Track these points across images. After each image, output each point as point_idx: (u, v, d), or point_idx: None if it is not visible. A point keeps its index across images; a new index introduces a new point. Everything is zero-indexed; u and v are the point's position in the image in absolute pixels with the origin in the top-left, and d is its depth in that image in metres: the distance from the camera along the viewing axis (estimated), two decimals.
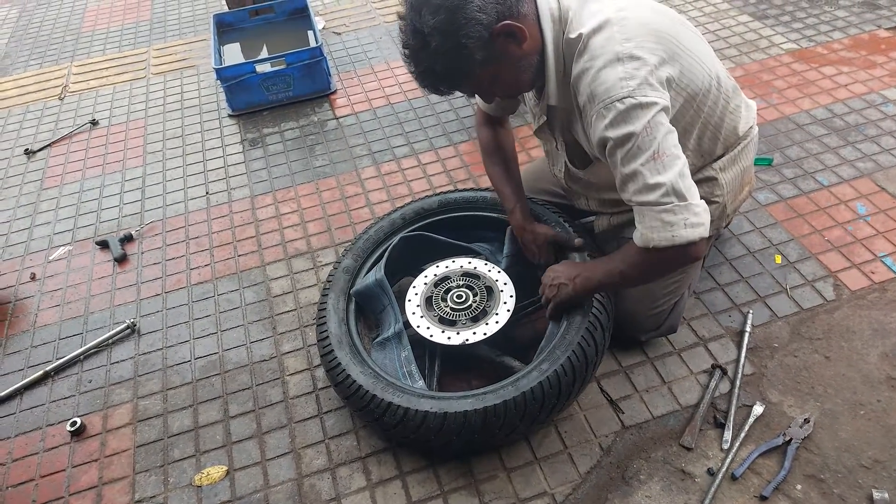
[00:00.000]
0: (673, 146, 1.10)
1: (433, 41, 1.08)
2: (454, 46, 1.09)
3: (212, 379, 1.61)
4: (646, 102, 1.07)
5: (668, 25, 1.17)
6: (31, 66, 3.11)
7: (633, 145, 1.09)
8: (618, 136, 1.09)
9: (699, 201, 1.12)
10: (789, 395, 1.42)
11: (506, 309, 1.46)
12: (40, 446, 1.52)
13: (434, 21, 1.07)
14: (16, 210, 2.24)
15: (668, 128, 1.11)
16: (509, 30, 1.10)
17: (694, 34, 1.24)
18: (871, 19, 2.63)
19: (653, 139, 1.08)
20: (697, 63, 1.20)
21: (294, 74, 2.51)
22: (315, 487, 1.37)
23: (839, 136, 2.08)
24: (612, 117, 1.09)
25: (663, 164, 1.09)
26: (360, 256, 1.62)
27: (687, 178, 1.11)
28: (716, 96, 1.26)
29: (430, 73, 1.15)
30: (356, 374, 1.34)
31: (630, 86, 1.07)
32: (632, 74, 1.08)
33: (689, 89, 1.19)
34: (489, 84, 1.19)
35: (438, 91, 1.20)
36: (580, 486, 1.32)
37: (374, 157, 2.27)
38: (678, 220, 1.10)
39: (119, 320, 1.79)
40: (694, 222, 1.10)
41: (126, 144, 2.49)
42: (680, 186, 1.09)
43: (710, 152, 1.35)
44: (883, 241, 1.74)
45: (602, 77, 1.10)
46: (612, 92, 1.08)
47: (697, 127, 1.27)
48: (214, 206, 2.15)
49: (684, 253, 1.13)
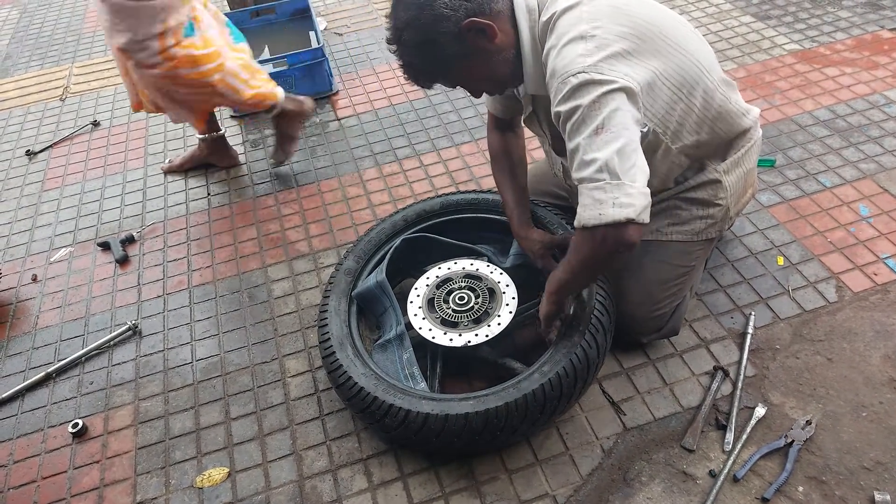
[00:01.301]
0: (620, 124, 1.05)
1: (405, 36, 1.17)
2: (425, 41, 1.16)
3: (213, 381, 1.61)
4: (600, 79, 1.07)
5: (644, 12, 1.18)
6: (33, 66, 3.12)
7: (578, 117, 1.08)
8: (566, 109, 1.09)
9: (637, 184, 1.05)
10: (791, 396, 1.42)
11: (508, 311, 1.45)
12: (42, 448, 1.52)
13: (406, 17, 1.16)
14: (17, 211, 2.25)
15: (619, 106, 1.06)
16: (477, 26, 1.15)
17: (680, 24, 1.24)
18: (874, 20, 2.62)
19: (597, 114, 1.06)
20: (681, 53, 1.19)
21: (296, 75, 2.51)
22: (316, 489, 1.37)
23: (842, 138, 2.08)
24: (565, 92, 1.09)
25: (604, 141, 1.05)
26: (361, 258, 1.62)
27: (628, 158, 1.05)
28: (709, 89, 1.25)
29: (411, 66, 1.23)
30: (358, 376, 1.34)
31: (587, 62, 1.08)
32: (590, 52, 1.09)
33: (674, 79, 1.18)
34: (467, 78, 1.25)
35: (422, 84, 1.27)
36: (581, 487, 1.32)
37: (375, 158, 2.27)
38: (607, 199, 1.04)
39: (120, 322, 1.79)
40: (623, 202, 1.04)
41: (127, 146, 2.49)
42: (615, 164, 1.04)
43: (709, 147, 1.34)
44: (885, 242, 1.73)
45: (563, 53, 1.11)
46: (568, 67, 1.09)
47: (693, 120, 1.26)
48: (215, 207, 2.15)
49: (614, 235, 1.06)
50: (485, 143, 2.24)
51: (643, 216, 1.06)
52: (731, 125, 1.34)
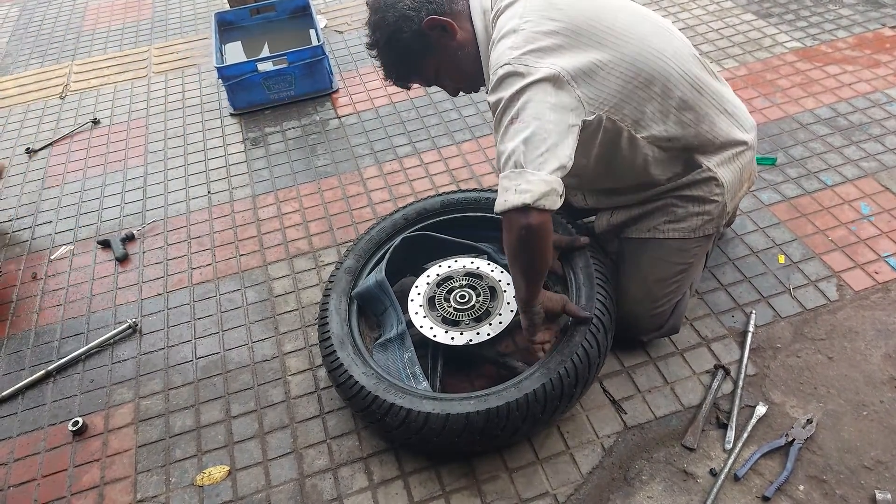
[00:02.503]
0: (531, 114, 1.10)
1: (375, 36, 1.29)
2: (392, 40, 1.27)
3: (213, 379, 1.61)
4: (522, 71, 1.12)
5: (583, 6, 1.21)
6: (32, 64, 3.11)
7: (500, 109, 1.14)
8: (493, 100, 1.17)
9: (542, 171, 1.09)
10: (792, 395, 1.42)
11: (509, 309, 1.45)
12: (42, 446, 1.52)
13: (375, 19, 1.29)
14: (17, 209, 2.24)
15: (538, 97, 1.11)
16: (437, 23, 1.24)
17: (632, 15, 1.26)
18: (875, 18, 2.62)
19: (514, 105, 1.12)
20: (629, 42, 1.21)
21: (296, 73, 2.50)
22: (317, 488, 1.37)
23: (843, 136, 2.08)
24: (493, 83, 1.16)
25: (515, 131, 1.11)
26: (361, 257, 1.61)
27: (536, 147, 1.09)
28: (672, 77, 1.24)
29: (385, 65, 1.34)
30: (358, 374, 1.34)
31: (512, 55, 1.14)
32: (517, 45, 1.15)
33: (621, 67, 1.20)
34: (436, 75, 1.34)
35: (398, 83, 1.36)
36: (582, 486, 1.32)
37: (376, 157, 2.27)
38: (511, 186, 1.11)
39: (121, 320, 1.79)
40: (523, 188, 1.08)
41: (127, 144, 2.49)
42: (520, 152, 1.09)
43: (688, 141, 1.32)
44: (887, 240, 1.73)
45: (497, 47, 1.19)
46: (498, 59, 1.17)
47: (655, 108, 1.26)
48: (216, 205, 2.15)
49: (517, 221, 1.11)
50: (485, 141, 2.25)
51: (542, 202, 1.10)
52: (706, 118, 1.31)
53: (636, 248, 1.47)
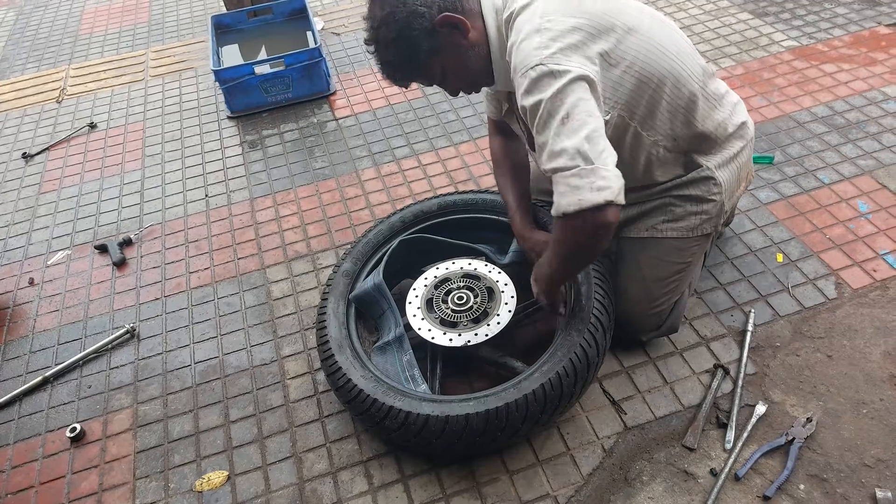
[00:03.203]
0: (584, 112, 1.08)
1: (381, 33, 1.21)
2: (400, 37, 1.20)
3: (212, 383, 1.61)
4: (557, 70, 1.10)
5: (605, 5, 1.21)
6: (29, 69, 3.11)
7: (543, 111, 1.10)
8: (531, 104, 1.12)
9: (610, 166, 1.07)
10: (792, 394, 1.42)
11: (507, 310, 1.45)
12: (40, 452, 1.51)
13: (382, 14, 1.20)
14: (14, 214, 2.24)
15: (580, 95, 1.10)
16: (450, 21, 1.19)
17: (652, 18, 1.27)
18: (871, 16, 2.62)
19: (560, 105, 1.09)
20: (649, 44, 1.21)
21: (293, 76, 2.50)
22: (316, 492, 1.37)
23: (840, 134, 2.08)
24: (527, 85, 1.12)
25: (571, 129, 1.07)
26: (359, 260, 1.61)
27: (597, 143, 1.07)
28: (681, 76, 1.25)
29: (387, 64, 1.26)
30: (357, 378, 1.33)
31: (543, 54, 1.11)
32: (546, 44, 1.12)
33: (638, 68, 1.20)
34: (442, 74, 1.28)
35: (398, 82, 1.30)
36: (582, 487, 1.31)
37: (374, 159, 2.27)
38: (584, 184, 1.05)
39: (118, 325, 1.78)
40: (601, 185, 1.05)
41: (124, 147, 2.48)
42: (586, 149, 1.06)
43: (686, 138, 1.33)
44: (884, 238, 1.73)
45: (522, 48, 1.14)
46: (526, 61, 1.12)
47: (663, 109, 1.26)
48: (214, 208, 2.15)
49: (594, 219, 1.07)
50: (483, 142, 2.25)
51: (620, 197, 1.07)
52: (708, 115, 1.33)
53: (634, 247, 1.47)
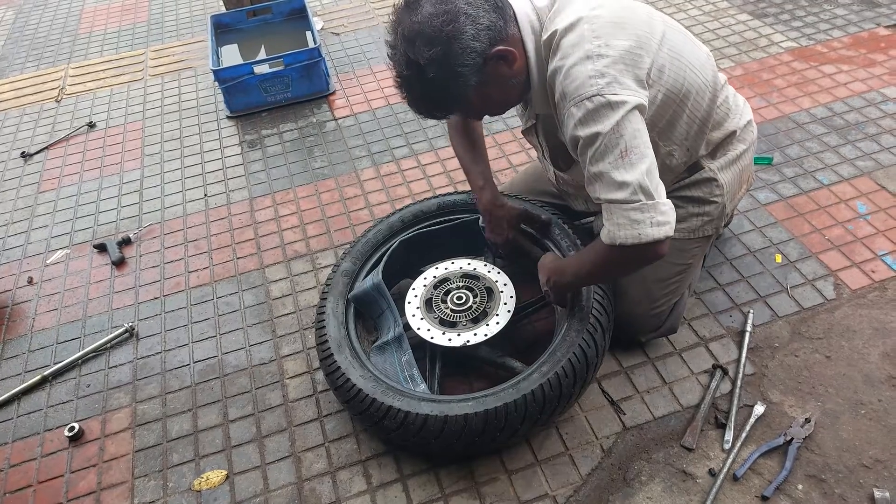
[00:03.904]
0: (642, 144, 1.09)
1: (430, 72, 1.09)
2: (451, 76, 1.10)
3: (211, 382, 1.61)
4: (615, 101, 1.07)
5: (642, 22, 1.17)
6: (28, 68, 3.10)
7: (600, 144, 1.09)
8: (587, 134, 1.10)
9: (666, 200, 1.11)
10: (790, 394, 1.42)
11: (506, 310, 1.45)
12: (38, 451, 1.51)
13: (430, 53, 1.07)
14: (13, 213, 2.23)
15: (638, 127, 1.09)
16: (502, 54, 1.12)
17: (673, 30, 1.24)
18: (870, 17, 2.63)
19: (619, 137, 1.07)
20: (677, 58, 1.20)
21: (292, 75, 2.50)
22: (315, 491, 1.37)
23: (839, 135, 2.08)
24: (581, 116, 1.09)
25: (630, 163, 1.08)
26: (358, 260, 1.61)
27: (654, 177, 1.10)
28: (702, 90, 1.26)
29: (427, 99, 1.17)
30: (356, 377, 1.33)
31: (599, 84, 1.07)
32: (602, 72, 1.08)
33: (668, 85, 1.19)
34: (481, 105, 1.21)
35: (433, 116, 1.23)
36: (581, 487, 1.31)
37: (373, 159, 2.27)
38: (645, 219, 1.09)
39: (117, 324, 1.78)
40: (660, 220, 1.09)
41: (124, 147, 2.48)
42: (647, 184, 1.08)
43: (697, 146, 1.34)
44: (883, 239, 1.73)
45: (573, 74, 1.09)
46: (581, 90, 1.08)
47: (683, 121, 1.27)
48: (213, 208, 2.15)
49: (649, 251, 1.12)
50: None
51: (674, 227, 1.12)
52: (720, 123, 1.35)
53: None
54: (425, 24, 1.07)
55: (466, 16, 1.07)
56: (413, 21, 1.08)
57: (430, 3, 1.07)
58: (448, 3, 1.07)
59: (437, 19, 1.06)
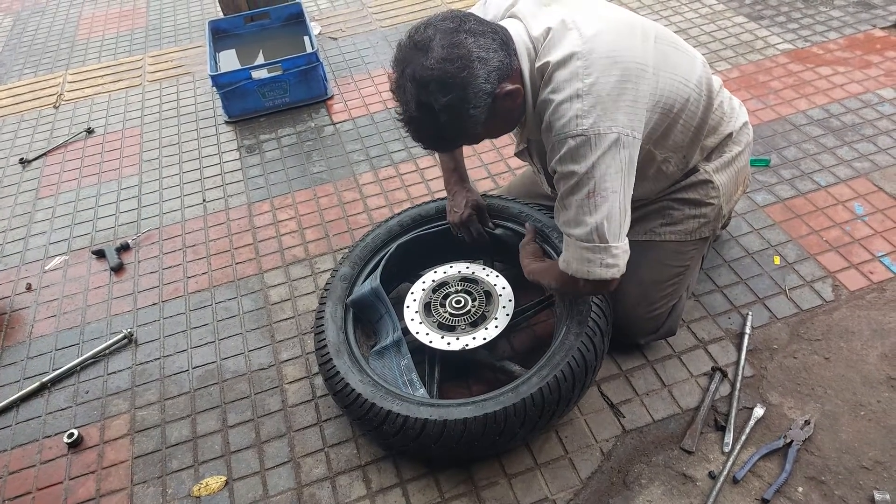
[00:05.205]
0: (609, 188, 1.12)
1: (443, 117, 1.09)
2: (464, 118, 1.11)
3: (210, 388, 1.60)
4: (597, 138, 1.09)
5: (636, 50, 1.15)
6: (26, 74, 3.11)
7: (573, 182, 1.14)
8: (563, 171, 1.15)
9: (620, 244, 1.17)
10: (789, 396, 1.42)
11: (505, 313, 1.45)
12: (37, 458, 1.51)
13: (446, 100, 1.07)
14: (11, 220, 2.23)
15: (612, 165, 1.11)
16: (510, 93, 1.13)
17: (667, 44, 1.24)
18: (866, 19, 2.64)
19: (590, 179, 1.12)
20: (671, 77, 1.21)
21: (290, 80, 2.51)
22: (315, 497, 1.36)
23: (836, 137, 2.09)
24: (563, 152, 1.13)
25: (595, 205, 1.13)
26: (357, 264, 1.61)
27: (614, 220, 1.14)
28: (696, 101, 1.28)
29: (437, 139, 1.19)
30: (355, 382, 1.33)
31: (584, 124, 1.10)
32: (586, 112, 1.09)
33: (662, 103, 1.22)
34: (485, 134, 1.23)
35: (437, 150, 1.31)
36: (581, 491, 1.31)
37: (371, 163, 2.27)
38: (596, 259, 1.17)
39: (116, 330, 1.78)
40: (609, 263, 1.17)
41: (122, 153, 2.48)
42: (604, 229, 1.14)
43: (692, 152, 1.36)
44: (881, 240, 1.74)
45: (560, 111, 1.11)
46: (566, 128, 1.11)
47: (677, 130, 1.29)
48: (211, 213, 2.15)
49: (598, 285, 1.21)
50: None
51: (623, 270, 1.20)
52: (715, 128, 1.37)
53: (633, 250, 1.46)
54: (438, 70, 1.05)
55: (479, 60, 1.07)
56: (425, 66, 1.05)
57: (441, 47, 1.05)
58: (460, 48, 1.05)
59: (451, 65, 1.05)
